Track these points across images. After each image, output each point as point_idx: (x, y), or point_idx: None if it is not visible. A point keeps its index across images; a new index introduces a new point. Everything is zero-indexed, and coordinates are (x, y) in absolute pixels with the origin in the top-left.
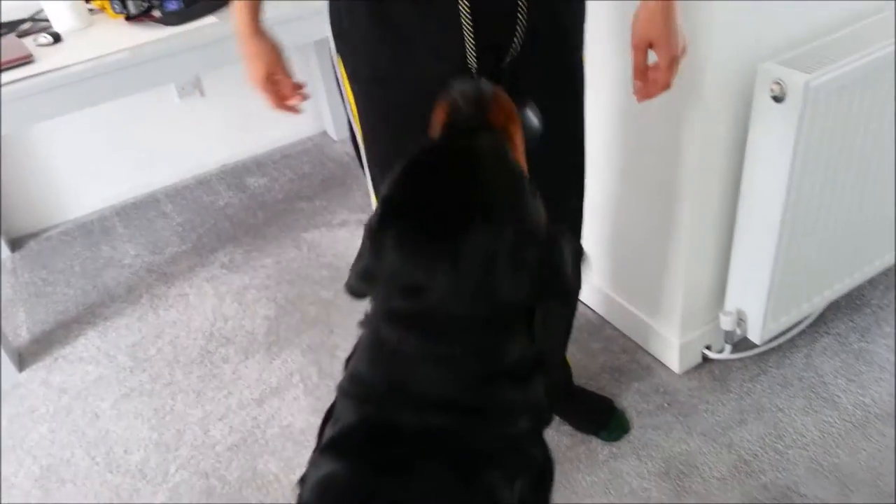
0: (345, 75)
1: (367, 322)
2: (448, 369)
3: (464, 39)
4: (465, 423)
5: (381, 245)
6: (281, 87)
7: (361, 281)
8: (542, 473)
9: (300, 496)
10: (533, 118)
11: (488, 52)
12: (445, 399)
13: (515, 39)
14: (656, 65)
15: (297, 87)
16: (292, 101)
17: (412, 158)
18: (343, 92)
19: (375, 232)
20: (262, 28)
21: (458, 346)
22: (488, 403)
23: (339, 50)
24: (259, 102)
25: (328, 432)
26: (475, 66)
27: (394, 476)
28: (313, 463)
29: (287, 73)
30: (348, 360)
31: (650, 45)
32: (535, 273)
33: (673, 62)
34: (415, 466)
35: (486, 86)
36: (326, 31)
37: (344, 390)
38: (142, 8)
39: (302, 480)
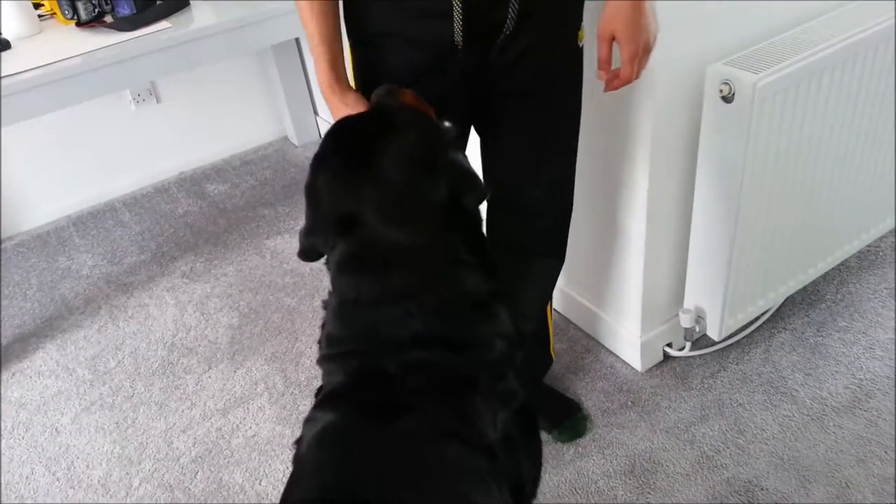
0: (348, 48)
1: (329, 296)
2: (411, 305)
3: (452, 16)
4: (443, 354)
5: (315, 196)
6: None
7: (308, 236)
8: (524, 409)
9: (297, 453)
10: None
11: (478, 29)
12: (419, 335)
13: (508, 19)
14: (621, 59)
15: None
16: None
17: (333, 125)
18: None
19: (309, 186)
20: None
21: (411, 277)
22: (460, 333)
23: (345, 20)
24: (218, 107)
25: (321, 394)
26: (461, 42)
27: (387, 417)
28: (308, 421)
29: None
30: (320, 341)
31: (614, 38)
32: (447, 173)
33: (634, 57)
34: (405, 404)
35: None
36: (284, 36)
37: (324, 356)
38: (93, 13)
39: (298, 441)
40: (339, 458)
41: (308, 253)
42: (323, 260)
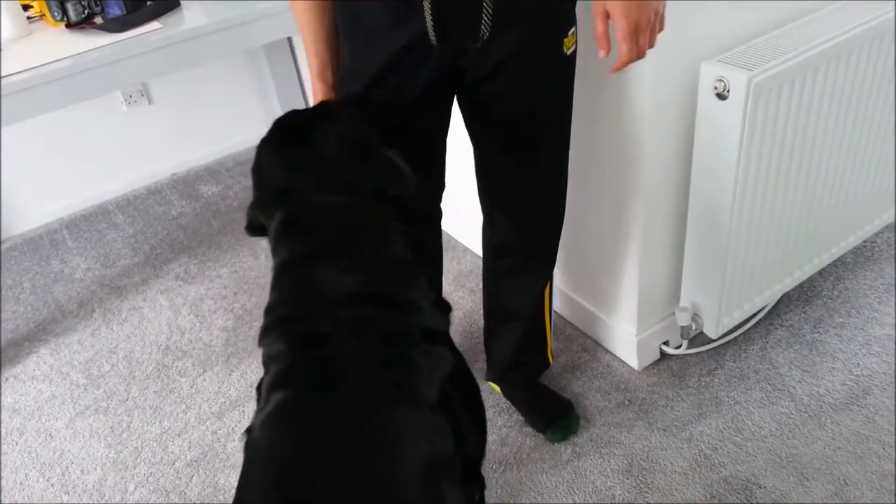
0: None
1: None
2: (343, 261)
3: (423, 16)
4: (377, 311)
5: (260, 174)
6: None
7: (252, 209)
8: (461, 373)
9: (248, 443)
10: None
11: (452, 31)
12: (353, 293)
13: (483, 25)
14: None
15: None
16: None
17: (281, 116)
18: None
19: (255, 167)
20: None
21: (342, 234)
22: (390, 292)
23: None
24: (210, 108)
25: (264, 384)
26: (435, 41)
27: (332, 387)
28: (259, 410)
29: None
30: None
31: (608, 16)
32: (376, 158)
33: (629, 35)
34: (347, 370)
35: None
36: (276, 35)
37: (263, 329)
38: (82, 15)
39: (248, 430)
40: (291, 436)
41: (253, 227)
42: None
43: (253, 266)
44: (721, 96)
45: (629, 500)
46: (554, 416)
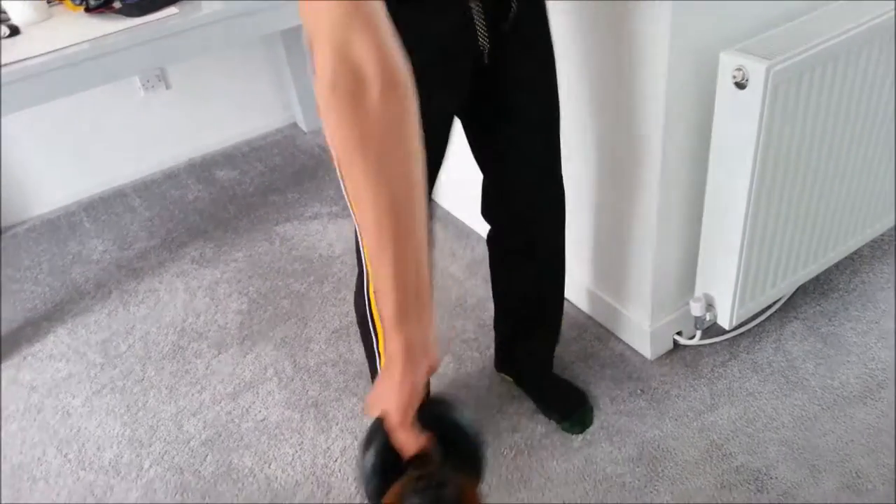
0: None
1: None
2: None
3: (471, 9)
4: None
5: None
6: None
7: None
8: None
9: None
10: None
11: (492, 16)
12: None
13: (513, 5)
14: None
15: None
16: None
17: None
18: None
19: None
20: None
21: None
22: None
23: None
24: (227, 93)
25: None
26: (486, 47)
27: None
28: None
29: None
30: None
31: None
32: None
33: None
34: None
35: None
36: (293, 21)
37: None
38: None
39: None
40: None
41: None
42: None
43: (268, 251)
44: (740, 85)
45: (639, 488)
46: (569, 409)
